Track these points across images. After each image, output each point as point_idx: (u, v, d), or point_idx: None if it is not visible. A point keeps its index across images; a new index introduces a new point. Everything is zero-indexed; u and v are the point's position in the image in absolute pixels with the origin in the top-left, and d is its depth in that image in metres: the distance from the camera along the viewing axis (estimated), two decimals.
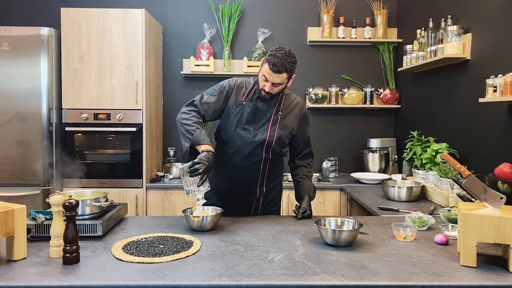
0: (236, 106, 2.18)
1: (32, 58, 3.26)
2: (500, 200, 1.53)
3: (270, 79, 2.04)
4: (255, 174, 2.23)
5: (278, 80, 2.04)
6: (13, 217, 1.47)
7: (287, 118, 2.22)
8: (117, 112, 3.38)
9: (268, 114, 2.18)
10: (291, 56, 2.04)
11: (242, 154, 2.18)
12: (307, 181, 2.28)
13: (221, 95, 2.19)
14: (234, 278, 1.35)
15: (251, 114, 2.17)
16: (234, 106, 2.18)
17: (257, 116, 2.18)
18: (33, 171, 3.30)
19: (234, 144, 2.19)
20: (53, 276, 1.36)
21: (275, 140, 2.18)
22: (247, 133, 2.16)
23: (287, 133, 2.22)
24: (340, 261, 1.51)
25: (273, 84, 2.05)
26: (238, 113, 2.17)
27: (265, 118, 2.18)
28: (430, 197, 2.76)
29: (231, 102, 2.19)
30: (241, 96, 2.19)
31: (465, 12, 2.83)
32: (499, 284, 1.33)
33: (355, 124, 4.11)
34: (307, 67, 4.06)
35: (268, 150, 2.19)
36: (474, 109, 2.71)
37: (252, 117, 2.17)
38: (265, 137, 2.17)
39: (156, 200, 3.43)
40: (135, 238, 1.74)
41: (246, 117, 2.16)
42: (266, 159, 2.21)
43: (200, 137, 2.03)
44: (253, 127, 2.17)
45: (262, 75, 2.07)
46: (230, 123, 2.19)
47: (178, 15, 4.01)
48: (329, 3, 3.95)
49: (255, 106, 2.17)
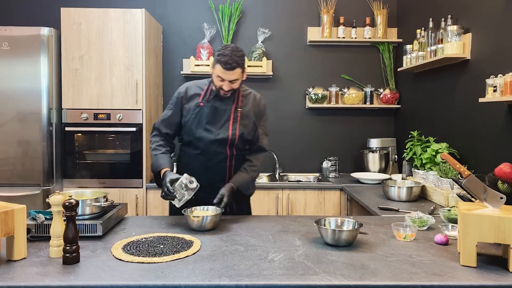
0: (194, 108, 2.23)
1: (32, 58, 3.26)
2: (500, 200, 1.53)
3: (226, 78, 2.10)
4: (222, 172, 2.26)
5: (234, 77, 2.10)
6: (13, 217, 1.47)
7: (247, 113, 2.26)
8: (117, 112, 3.38)
9: (227, 113, 2.23)
10: (239, 50, 2.11)
11: (207, 154, 2.23)
12: (242, 173, 2.27)
13: (177, 106, 2.27)
14: (234, 278, 1.35)
15: (211, 114, 2.21)
16: (192, 109, 2.23)
17: (217, 116, 2.22)
18: (33, 171, 3.30)
19: (197, 145, 2.23)
20: (53, 276, 1.36)
21: (238, 137, 2.22)
22: (209, 133, 2.21)
23: (250, 129, 2.27)
24: (340, 261, 1.51)
25: (230, 81, 2.11)
26: (197, 115, 2.22)
27: (225, 117, 2.22)
28: (430, 197, 2.76)
29: (188, 107, 2.24)
30: (198, 98, 2.24)
31: (465, 12, 2.83)
32: (499, 284, 1.33)
33: (355, 124, 4.11)
34: (307, 67, 4.06)
35: (232, 147, 2.24)
36: (474, 109, 2.71)
37: (212, 117, 2.22)
38: (227, 135, 2.21)
39: (156, 200, 3.43)
40: (135, 238, 1.74)
41: (206, 118, 2.21)
42: (231, 156, 2.25)
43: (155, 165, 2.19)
44: (214, 127, 2.22)
45: (216, 76, 2.12)
46: (190, 126, 2.23)
47: (178, 15, 4.01)
48: (329, 3, 3.95)
49: (213, 106, 2.22)
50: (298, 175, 3.98)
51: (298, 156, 4.08)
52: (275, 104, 4.05)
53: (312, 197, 3.46)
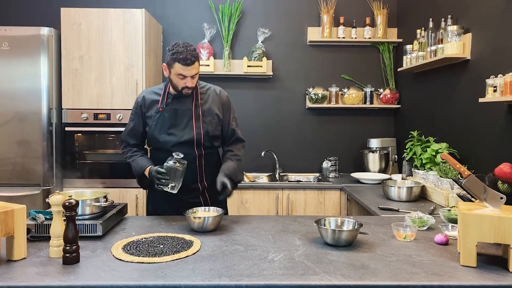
0: (155, 115, 2.21)
1: (32, 58, 3.26)
2: (500, 200, 1.53)
3: (187, 74, 2.09)
4: (193, 173, 2.22)
5: (194, 71, 2.10)
6: (13, 217, 1.47)
7: (209, 109, 2.25)
8: (117, 112, 3.38)
9: (188, 113, 2.21)
10: (190, 45, 2.11)
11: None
12: (227, 162, 2.27)
13: (138, 116, 2.25)
14: (234, 278, 1.35)
15: (172, 118, 2.20)
16: (153, 115, 2.21)
17: (179, 118, 2.20)
18: (33, 171, 3.30)
19: (164, 148, 2.19)
20: (53, 276, 1.36)
21: (203, 136, 2.20)
22: (173, 137, 2.19)
23: (214, 125, 2.25)
24: (340, 261, 1.51)
25: (191, 77, 2.11)
26: (159, 121, 2.20)
27: (187, 117, 2.20)
28: (430, 197, 2.76)
29: (149, 114, 2.22)
30: (157, 104, 2.22)
31: (465, 12, 2.83)
32: (499, 284, 1.33)
33: (355, 124, 4.11)
34: (307, 67, 4.06)
35: (199, 146, 2.22)
36: (474, 109, 2.71)
37: (174, 120, 2.20)
38: (192, 135, 2.19)
39: None
40: (135, 238, 1.74)
41: (168, 122, 2.19)
42: (199, 155, 2.23)
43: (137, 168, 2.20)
44: (177, 129, 2.20)
45: (177, 75, 2.11)
46: (153, 132, 2.21)
47: (178, 15, 4.01)
48: (329, 3, 3.95)
49: (173, 109, 2.20)
50: (298, 175, 3.98)
51: (298, 156, 4.08)
52: (275, 104, 4.05)
53: (312, 197, 3.46)
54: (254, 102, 4.05)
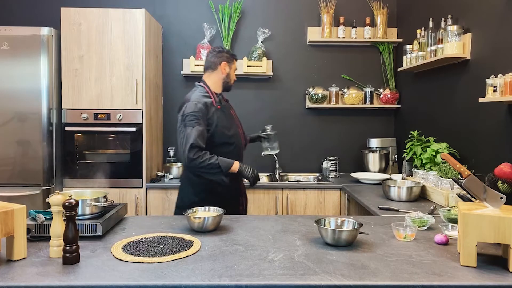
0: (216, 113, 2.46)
1: (32, 58, 3.26)
2: (500, 200, 1.53)
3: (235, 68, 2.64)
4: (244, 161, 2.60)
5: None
6: (13, 217, 1.47)
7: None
8: (117, 112, 3.38)
9: (232, 112, 2.64)
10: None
11: (239, 149, 2.58)
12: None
13: (203, 119, 2.41)
14: (234, 278, 1.35)
15: (228, 114, 2.56)
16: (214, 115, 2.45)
17: (230, 114, 2.60)
18: (33, 171, 3.30)
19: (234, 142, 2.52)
20: (53, 276, 1.36)
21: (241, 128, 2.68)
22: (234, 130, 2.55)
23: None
24: (340, 261, 1.51)
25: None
26: (221, 117, 2.48)
27: (233, 116, 2.62)
28: (430, 197, 2.76)
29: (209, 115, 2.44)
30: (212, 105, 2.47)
31: (465, 12, 2.83)
32: (499, 284, 1.33)
33: (355, 124, 4.11)
34: (307, 67, 4.06)
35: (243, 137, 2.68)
36: (474, 109, 2.71)
37: (230, 115, 2.58)
38: (240, 128, 2.65)
39: (156, 200, 3.43)
40: (135, 238, 1.74)
41: (227, 118, 2.53)
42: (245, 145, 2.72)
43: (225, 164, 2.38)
44: (234, 123, 2.59)
45: (234, 71, 2.61)
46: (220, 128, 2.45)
47: (178, 15, 4.01)
48: (329, 3, 3.95)
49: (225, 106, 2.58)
50: (298, 175, 3.98)
51: (298, 156, 4.08)
52: (275, 104, 4.05)
53: (312, 197, 3.46)
54: (254, 102, 4.05)
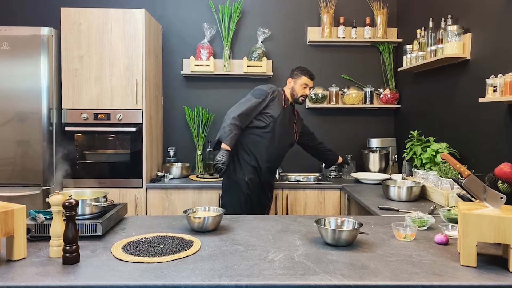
0: (280, 109, 2.95)
1: (32, 58, 3.26)
2: (500, 200, 1.53)
3: (310, 85, 3.07)
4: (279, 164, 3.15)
5: (312, 84, 3.11)
6: (13, 217, 1.47)
7: (300, 123, 3.24)
8: (117, 112, 3.38)
9: (293, 120, 3.11)
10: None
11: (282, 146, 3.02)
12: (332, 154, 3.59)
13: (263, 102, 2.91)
14: (234, 278, 1.35)
15: (288, 118, 3.03)
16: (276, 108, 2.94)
17: (290, 121, 3.05)
18: (33, 171, 3.29)
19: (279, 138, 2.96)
20: (53, 276, 1.36)
21: (297, 138, 3.19)
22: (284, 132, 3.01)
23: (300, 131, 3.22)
24: (340, 261, 1.51)
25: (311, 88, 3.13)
26: (281, 114, 2.95)
27: (293, 122, 3.10)
28: (430, 197, 2.76)
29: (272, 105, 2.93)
30: (280, 102, 2.98)
31: (465, 12, 2.83)
32: (499, 284, 1.34)
33: (355, 124, 4.11)
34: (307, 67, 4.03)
35: (291, 146, 3.17)
36: (474, 109, 2.71)
37: (288, 120, 3.03)
38: (294, 137, 3.14)
39: (156, 200, 3.43)
40: (135, 238, 1.74)
41: (284, 119, 2.98)
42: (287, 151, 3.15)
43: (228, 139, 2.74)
44: (289, 128, 3.06)
45: (302, 84, 3.04)
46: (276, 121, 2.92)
47: (178, 15, 4.00)
48: (329, 3, 3.95)
49: (289, 112, 3.06)
50: (298, 175, 3.97)
51: (298, 156, 4.06)
52: None
53: (312, 197, 3.46)
54: None
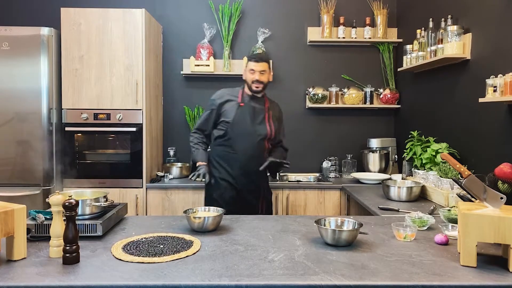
0: (236, 108, 2.71)
1: (32, 58, 3.26)
2: (500, 200, 1.53)
3: (256, 68, 2.68)
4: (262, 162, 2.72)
5: (262, 68, 2.69)
6: (13, 217, 1.47)
7: (273, 114, 2.84)
8: (117, 112, 3.38)
9: (263, 112, 2.77)
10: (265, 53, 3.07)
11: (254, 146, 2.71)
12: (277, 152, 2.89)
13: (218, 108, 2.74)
14: (234, 278, 1.35)
15: (251, 113, 2.72)
16: (231, 109, 2.71)
17: (256, 114, 2.73)
18: (33, 171, 3.29)
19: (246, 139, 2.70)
20: (53, 276, 1.36)
21: (274, 132, 2.79)
22: (253, 128, 2.70)
23: (277, 125, 2.84)
24: (340, 261, 1.51)
25: (260, 72, 2.69)
26: (241, 113, 2.70)
27: (262, 115, 2.76)
28: (430, 197, 2.76)
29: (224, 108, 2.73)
30: (234, 101, 2.74)
31: (465, 12, 2.83)
32: (499, 284, 1.33)
33: (355, 124, 4.11)
34: (307, 67, 4.06)
35: (269, 141, 2.79)
36: (474, 109, 2.71)
37: (253, 115, 2.72)
38: (266, 131, 2.75)
39: (156, 200, 3.43)
40: (135, 238, 1.74)
41: (248, 115, 2.70)
42: (268, 149, 2.81)
43: (196, 157, 2.76)
44: (256, 123, 2.72)
45: (249, 70, 2.70)
46: (236, 123, 2.69)
47: (178, 15, 4.00)
48: (329, 3, 3.95)
49: (251, 106, 2.73)
50: (298, 175, 3.97)
51: (298, 156, 4.07)
52: None
53: (312, 197, 3.46)
54: None
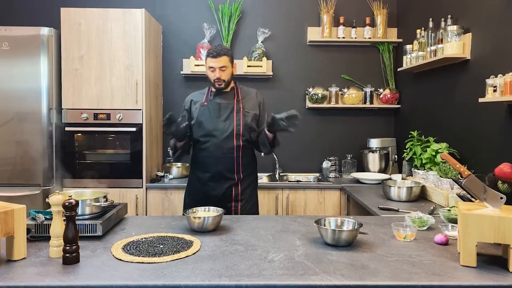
0: (200, 108, 2.54)
1: (32, 58, 3.26)
2: (500, 200, 1.53)
3: (215, 65, 2.45)
4: (231, 162, 2.51)
5: (221, 63, 2.45)
6: (13, 217, 1.47)
7: (247, 106, 2.57)
8: (117, 112, 3.38)
9: (230, 106, 2.54)
10: (224, 46, 2.54)
11: (217, 146, 2.49)
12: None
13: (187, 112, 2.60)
14: (234, 278, 1.35)
15: (216, 110, 2.52)
16: (198, 109, 2.55)
17: (221, 110, 2.52)
18: (33, 171, 3.29)
19: (208, 139, 2.50)
20: (53, 276, 1.36)
21: (242, 127, 2.50)
22: (217, 126, 2.49)
23: (251, 117, 2.55)
24: (340, 261, 1.51)
25: (220, 68, 2.45)
26: (203, 113, 2.52)
27: (229, 110, 2.53)
28: (430, 197, 2.76)
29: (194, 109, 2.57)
30: (202, 100, 2.57)
31: (465, 12, 2.83)
32: (499, 284, 1.33)
33: (355, 124, 4.11)
34: (307, 67, 4.06)
35: (238, 138, 2.50)
36: (474, 109, 2.71)
37: (217, 112, 2.52)
38: (233, 127, 2.49)
39: (156, 200, 3.43)
40: (135, 238, 1.74)
41: (213, 114, 2.51)
42: (237, 146, 2.51)
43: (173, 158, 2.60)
44: (220, 120, 2.51)
45: (208, 68, 2.49)
46: (199, 123, 2.52)
47: (178, 15, 4.00)
48: (329, 3, 3.95)
49: (216, 103, 2.54)
50: (298, 175, 3.97)
51: (298, 156, 4.08)
52: (275, 104, 4.03)
53: (312, 197, 3.46)
54: None
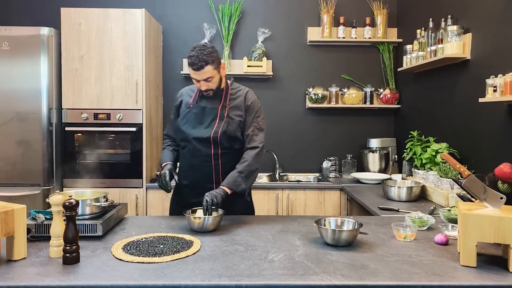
0: (185, 110, 2.29)
1: (32, 58, 3.26)
2: (500, 200, 1.53)
3: (198, 78, 2.11)
4: (208, 171, 2.24)
5: (206, 75, 2.10)
6: (13, 217, 1.47)
7: (234, 110, 2.25)
8: (117, 112, 3.38)
9: (214, 111, 2.24)
10: (207, 47, 2.09)
11: (193, 153, 2.24)
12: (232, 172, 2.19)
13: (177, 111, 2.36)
14: (234, 278, 1.35)
15: (200, 114, 2.25)
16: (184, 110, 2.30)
17: (205, 115, 2.24)
18: (33, 171, 3.29)
19: (186, 145, 2.28)
20: (53, 276, 1.36)
21: (220, 135, 2.20)
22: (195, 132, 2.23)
23: (235, 125, 2.23)
24: (340, 261, 1.51)
25: (205, 80, 2.12)
26: (186, 116, 2.27)
27: (212, 115, 2.23)
28: (430, 197, 2.76)
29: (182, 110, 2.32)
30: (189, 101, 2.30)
31: (465, 12, 2.83)
32: (499, 284, 1.33)
33: (355, 124, 4.11)
34: (307, 67, 4.06)
35: (216, 145, 2.22)
36: (474, 109, 2.71)
37: (201, 117, 2.25)
38: (210, 133, 2.20)
39: (156, 200, 3.43)
40: (135, 238, 1.74)
41: (196, 118, 2.25)
42: (215, 154, 2.23)
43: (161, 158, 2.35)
44: (201, 126, 2.24)
45: (193, 79, 2.16)
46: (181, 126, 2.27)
47: (178, 15, 4.00)
48: (329, 3, 3.95)
49: (201, 107, 2.25)
50: (298, 175, 3.98)
51: (298, 156, 4.08)
52: (275, 104, 4.05)
53: (312, 197, 3.46)
54: None
